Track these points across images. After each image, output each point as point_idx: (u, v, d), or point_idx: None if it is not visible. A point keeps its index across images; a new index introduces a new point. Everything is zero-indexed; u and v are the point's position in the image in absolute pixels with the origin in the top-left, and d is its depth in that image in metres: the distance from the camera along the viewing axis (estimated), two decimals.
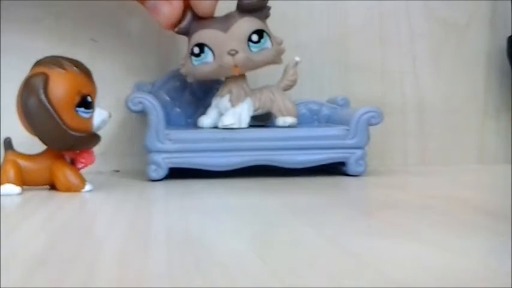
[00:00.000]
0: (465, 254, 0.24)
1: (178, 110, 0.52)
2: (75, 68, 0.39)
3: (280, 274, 0.21)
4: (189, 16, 0.47)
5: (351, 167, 0.48)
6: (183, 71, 0.48)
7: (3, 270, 0.22)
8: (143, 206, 0.36)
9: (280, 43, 0.48)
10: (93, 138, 0.40)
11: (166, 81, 0.52)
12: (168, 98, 0.52)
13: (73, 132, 0.38)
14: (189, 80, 0.49)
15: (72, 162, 0.41)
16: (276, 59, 0.48)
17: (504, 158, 0.58)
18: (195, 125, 0.50)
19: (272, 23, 0.48)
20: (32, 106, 0.37)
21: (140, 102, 0.46)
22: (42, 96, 0.37)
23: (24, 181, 0.40)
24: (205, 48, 0.46)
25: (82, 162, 0.41)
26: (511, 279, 0.20)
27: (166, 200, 0.39)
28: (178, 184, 0.44)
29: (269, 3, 0.47)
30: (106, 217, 0.33)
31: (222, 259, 0.23)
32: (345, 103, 0.53)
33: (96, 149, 0.41)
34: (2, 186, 0.39)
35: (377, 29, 0.57)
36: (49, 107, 0.37)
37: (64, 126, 0.38)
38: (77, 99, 0.38)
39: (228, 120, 0.46)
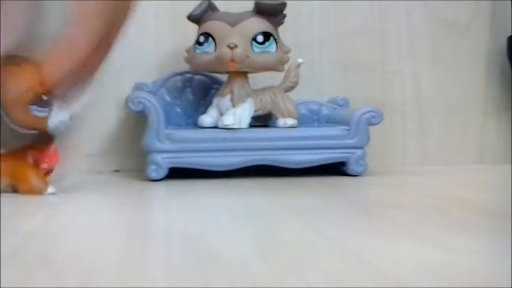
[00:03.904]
0: (465, 254, 0.24)
1: (178, 110, 0.52)
2: (32, 66, 0.37)
3: (280, 274, 0.21)
4: (204, 4, 0.47)
5: (351, 167, 0.48)
6: (185, 58, 0.49)
7: (3, 270, 0.22)
8: (143, 206, 0.36)
9: (286, 52, 0.48)
10: (46, 137, 0.38)
11: (166, 81, 0.52)
12: (168, 98, 0.52)
13: (23, 130, 0.37)
14: (190, 68, 0.49)
15: (36, 164, 0.39)
16: (277, 66, 0.48)
17: (504, 158, 0.58)
18: (195, 125, 0.50)
19: None
20: None
21: (140, 102, 0.46)
22: None
23: None
24: (210, 39, 0.47)
25: (46, 163, 0.39)
26: (511, 279, 0.20)
27: (166, 200, 0.39)
28: (178, 184, 0.44)
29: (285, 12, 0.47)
30: (106, 217, 0.33)
31: (222, 259, 0.23)
32: (345, 103, 0.53)
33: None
34: None
35: (377, 29, 0.57)
36: None
37: (10, 123, 0.36)
38: (31, 97, 0.37)
39: (228, 120, 0.46)
